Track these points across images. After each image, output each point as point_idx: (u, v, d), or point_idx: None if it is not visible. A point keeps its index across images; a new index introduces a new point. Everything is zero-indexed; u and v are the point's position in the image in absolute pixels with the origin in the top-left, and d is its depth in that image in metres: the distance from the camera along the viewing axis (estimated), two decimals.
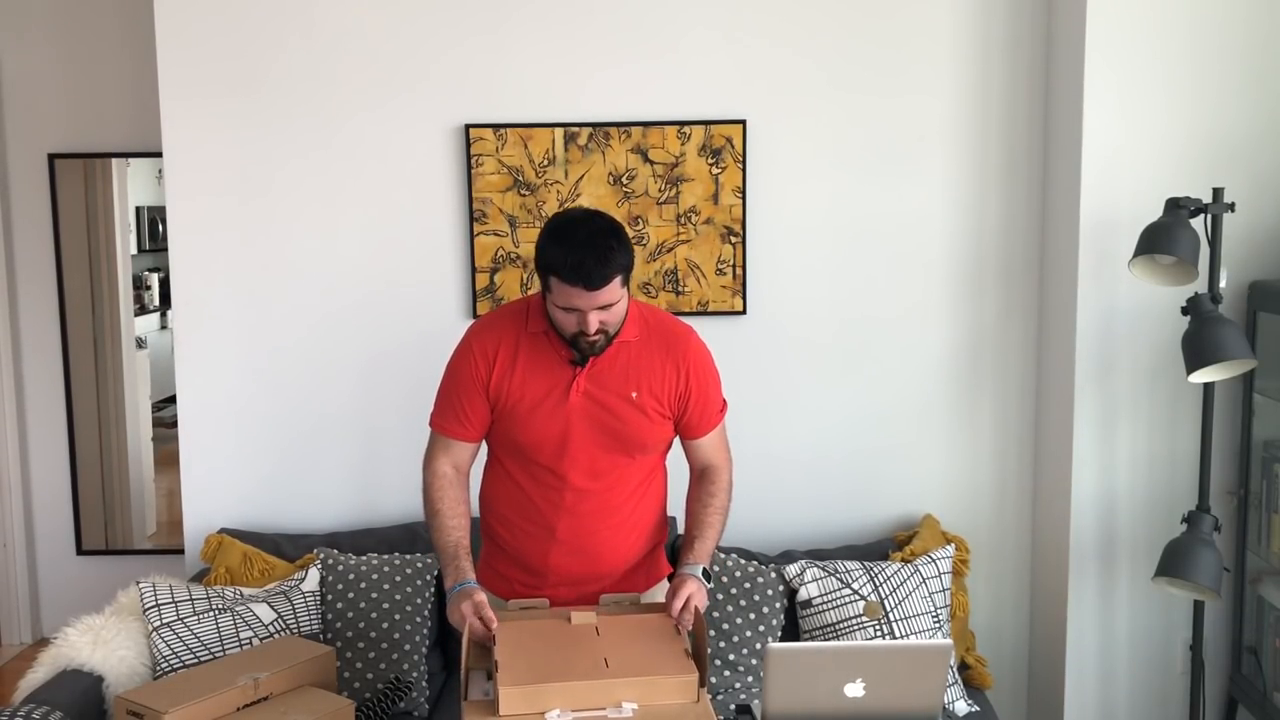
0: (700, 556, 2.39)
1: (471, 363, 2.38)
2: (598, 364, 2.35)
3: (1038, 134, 3.39)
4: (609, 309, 2.25)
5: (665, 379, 2.38)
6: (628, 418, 2.36)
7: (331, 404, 3.52)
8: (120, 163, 4.66)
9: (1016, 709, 3.56)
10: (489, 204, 3.42)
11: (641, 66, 3.39)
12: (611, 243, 2.22)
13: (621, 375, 2.35)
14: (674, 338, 2.42)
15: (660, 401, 2.38)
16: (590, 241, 2.20)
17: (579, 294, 2.20)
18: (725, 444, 2.55)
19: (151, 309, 5.38)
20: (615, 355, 2.35)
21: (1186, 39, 3.06)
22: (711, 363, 2.48)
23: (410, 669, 3.10)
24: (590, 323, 2.24)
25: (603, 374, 2.35)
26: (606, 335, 2.30)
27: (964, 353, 3.47)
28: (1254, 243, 3.09)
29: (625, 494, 2.43)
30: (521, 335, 2.37)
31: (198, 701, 2.48)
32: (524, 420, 2.36)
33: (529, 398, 2.35)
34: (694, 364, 2.42)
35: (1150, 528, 3.19)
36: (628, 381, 2.35)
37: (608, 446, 2.37)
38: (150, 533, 4.99)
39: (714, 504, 2.47)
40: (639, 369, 2.36)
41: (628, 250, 2.25)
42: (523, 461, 2.42)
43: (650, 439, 2.41)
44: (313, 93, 3.42)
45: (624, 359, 2.36)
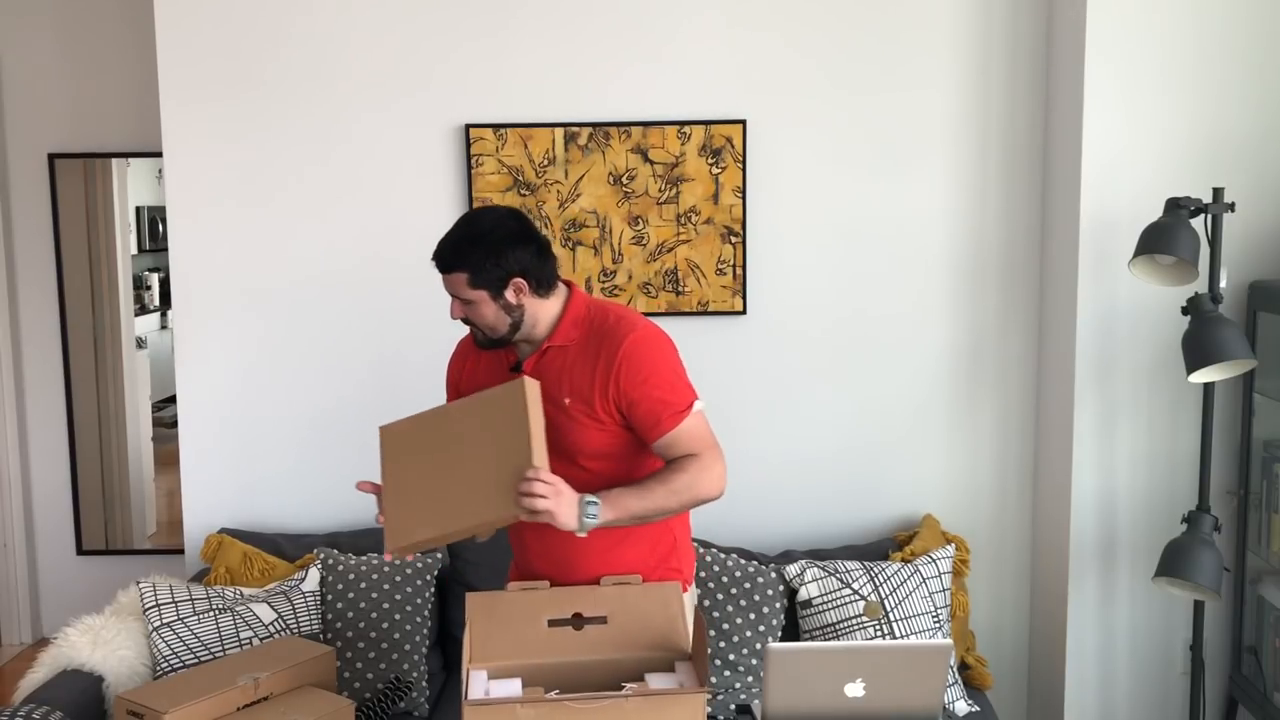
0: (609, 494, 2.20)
1: (449, 365, 2.53)
2: (538, 368, 2.33)
3: (1038, 134, 3.39)
4: (468, 305, 2.29)
5: (595, 382, 2.28)
6: (561, 424, 2.29)
7: (332, 404, 3.52)
8: (120, 163, 4.66)
9: (1016, 709, 3.56)
10: (489, 204, 3.42)
11: (641, 66, 3.39)
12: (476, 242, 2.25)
13: (556, 381, 2.31)
14: (609, 338, 2.29)
15: (592, 406, 2.28)
16: (464, 225, 2.30)
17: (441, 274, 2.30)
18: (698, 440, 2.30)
19: (151, 309, 5.38)
20: (552, 360, 2.33)
21: (1187, 39, 3.06)
22: (649, 362, 2.28)
23: (410, 669, 3.10)
24: (452, 307, 2.31)
25: (541, 379, 2.31)
26: (484, 332, 2.33)
27: (964, 352, 3.47)
28: (1254, 243, 3.09)
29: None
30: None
31: (198, 701, 2.48)
32: None
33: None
34: (624, 364, 2.26)
35: (1150, 528, 3.19)
36: (561, 387, 2.30)
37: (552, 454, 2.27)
38: (150, 533, 4.99)
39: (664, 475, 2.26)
40: (572, 375, 2.30)
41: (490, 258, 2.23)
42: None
43: (591, 445, 2.30)
44: (313, 93, 3.42)
45: (559, 364, 2.32)
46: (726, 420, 3.45)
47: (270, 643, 2.88)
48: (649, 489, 2.26)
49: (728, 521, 3.42)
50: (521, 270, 2.28)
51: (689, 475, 2.27)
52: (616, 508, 2.21)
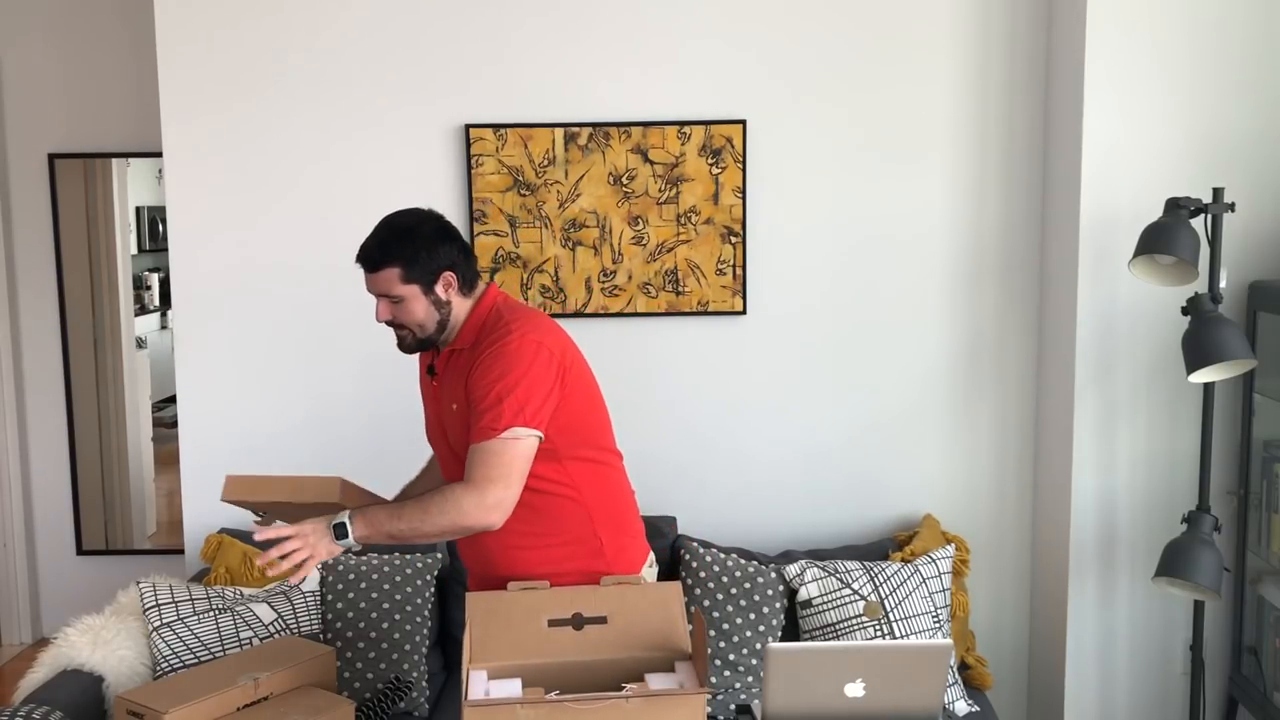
0: (363, 512, 2.21)
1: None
2: (443, 372, 2.38)
3: (1038, 134, 3.39)
4: (397, 304, 2.30)
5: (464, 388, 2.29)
6: (452, 428, 2.34)
7: (332, 404, 3.52)
8: (120, 163, 4.66)
9: (1016, 709, 3.56)
10: (489, 204, 3.42)
11: (641, 67, 3.39)
12: (401, 238, 2.29)
13: (450, 385, 2.35)
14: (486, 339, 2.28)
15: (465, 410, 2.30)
16: (385, 226, 2.34)
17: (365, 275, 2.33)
18: (483, 464, 2.19)
19: (151, 309, 5.38)
20: (452, 364, 2.36)
21: (1186, 38, 3.06)
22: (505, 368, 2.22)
23: (410, 669, 3.10)
24: (379, 309, 2.33)
25: (443, 384, 2.38)
26: (411, 333, 2.34)
27: (964, 352, 3.47)
28: (1254, 243, 3.09)
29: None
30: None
31: (198, 701, 2.48)
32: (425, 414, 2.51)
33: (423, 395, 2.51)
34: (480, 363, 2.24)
35: (1150, 528, 3.19)
36: (451, 393, 2.34)
37: (454, 456, 2.35)
38: (150, 533, 4.99)
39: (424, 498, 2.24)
40: (457, 378, 2.32)
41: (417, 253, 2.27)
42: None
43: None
44: (313, 93, 3.42)
45: (454, 368, 2.35)
46: (726, 420, 3.48)
47: (270, 642, 2.88)
48: (403, 508, 2.25)
49: (728, 521, 3.42)
50: (450, 265, 2.32)
51: (448, 501, 2.20)
52: (369, 526, 2.21)
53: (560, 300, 3.45)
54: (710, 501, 3.51)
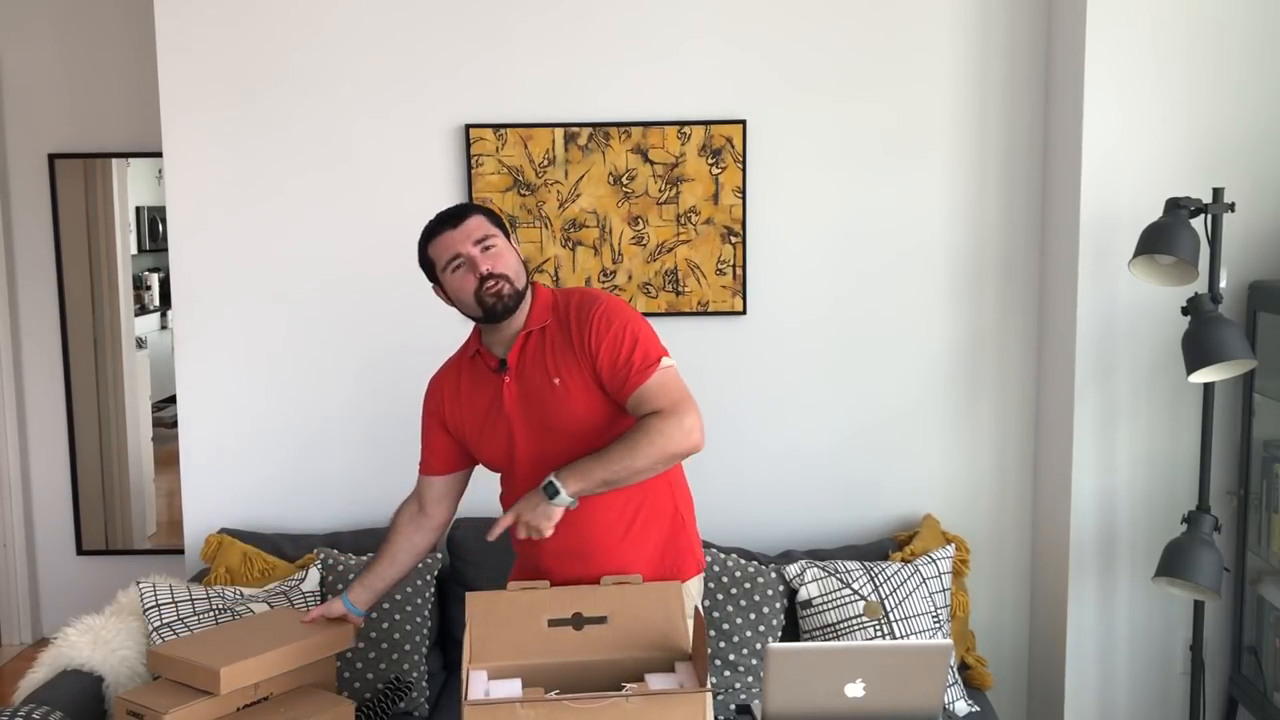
0: (566, 472, 2.24)
1: (426, 402, 2.54)
2: (521, 360, 2.36)
3: (1038, 134, 3.39)
4: (489, 249, 2.32)
5: (576, 356, 2.33)
6: (558, 405, 2.33)
7: (332, 404, 3.52)
8: (120, 163, 4.66)
9: (1016, 709, 3.56)
10: (489, 204, 3.42)
11: (641, 67, 3.39)
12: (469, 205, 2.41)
13: (541, 366, 2.35)
14: (577, 311, 2.36)
15: (582, 379, 2.32)
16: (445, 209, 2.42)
17: (449, 237, 2.33)
18: (664, 396, 2.28)
19: (151, 309, 5.38)
20: (534, 346, 2.37)
21: (1186, 39, 3.06)
22: (618, 320, 2.32)
23: (410, 669, 3.10)
24: (479, 261, 2.30)
25: (526, 370, 2.36)
26: (510, 283, 2.32)
27: (964, 352, 3.47)
28: (1254, 243, 3.09)
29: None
30: (462, 364, 2.48)
31: (198, 701, 2.47)
32: (476, 438, 2.44)
33: (474, 416, 2.43)
34: (591, 330, 2.31)
35: (1150, 528, 3.19)
36: (548, 370, 2.34)
37: (553, 438, 2.34)
38: (150, 533, 4.99)
39: (628, 437, 2.26)
40: (556, 354, 2.35)
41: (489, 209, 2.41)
42: (501, 479, 2.50)
43: (589, 417, 2.32)
44: (313, 93, 3.42)
45: (542, 348, 2.36)
46: (726, 420, 3.47)
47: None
48: (607, 452, 2.27)
49: (728, 521, 3.42)
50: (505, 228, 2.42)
51: (651, 431, 2.25)
52: (582, 478, 2.25)
53: None
54: (710, 501, 3.50)
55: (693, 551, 2.52)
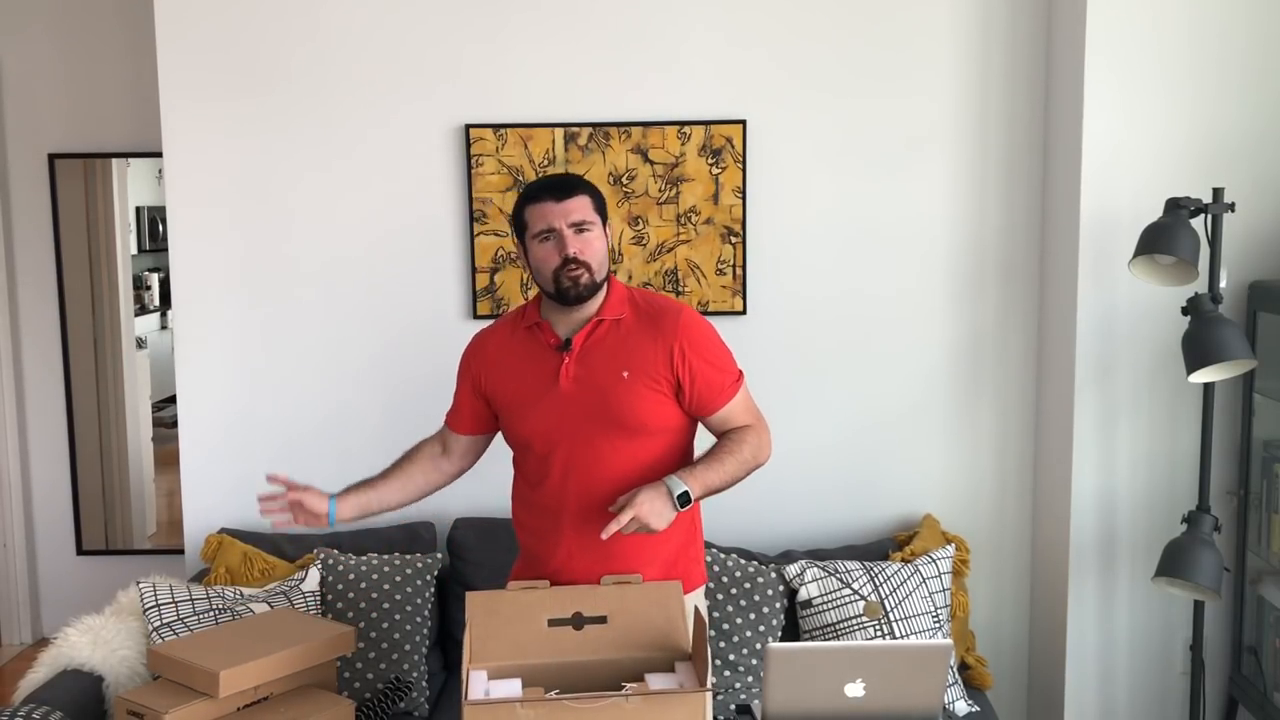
0: (687, 475, 2.29)
1: (464, 359, 2.52)
2: (587, 345, 2.34)
3: (1038, 134, 3.39)
4: (583, 233, 2.30)
5: (657, 358, 2.33)
6: (620, 397, 2.32)
7: (332, 403, 3.52)
8: (120, 163, 4.66)
9: (1016, 709, 3.56)
10: (489, 204, 3.42)
11: (641, 66, 3.39)
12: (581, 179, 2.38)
13: (610, 356, 2.33)
14: (662, 315, 2.37)
15: (654, 380, 2.32)
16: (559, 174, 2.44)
17: (548, 208, 2.30)
18: (750, 411, 2.45)
19: (151, 309, 5.38)
20: (605, 335, 2.35)
21: (1186, 39, 3.06)
22: (708, 336, 2.39)
23: (410, 669, 3.10)
24: (568, 242, 2.28)
25: (591, 355, 2.34)
26: (590, 273, 2.30)
27: (964, 352, 3.47)
28: (1254, 243, 3.09)
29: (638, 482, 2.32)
30: (516, 330, 2.43)
31: (198, 702, 2.48)
32: (519, 412, 2.40)
33: (521, 389, 2.39)
34: (685, 340, 2.34)
35: (1150, 528, 3.19)
36: (617, 361, 2.33)
37: (605, 428, 2.32)
38: (150, 533, 4.99)
39: (733, 447, 2.37)
40: (629, 348, 2.33)
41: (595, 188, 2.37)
42: (531, 456, 2.42)
43: (649, 417, 2.33)
44: (313, 93, 3.42)
45: (613, 339, 2.35)
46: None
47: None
48: (722, 461, 2.35)
49: (728, 521, 3.41)
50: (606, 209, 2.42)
51: (751, 446, 2.40)
52: (701, 484, 2.32)
53: None
54: (711, 501, 3.50)
55: (700, 563, 2.52)
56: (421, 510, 3.45)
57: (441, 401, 3.55)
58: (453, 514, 3.43)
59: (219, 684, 2.45)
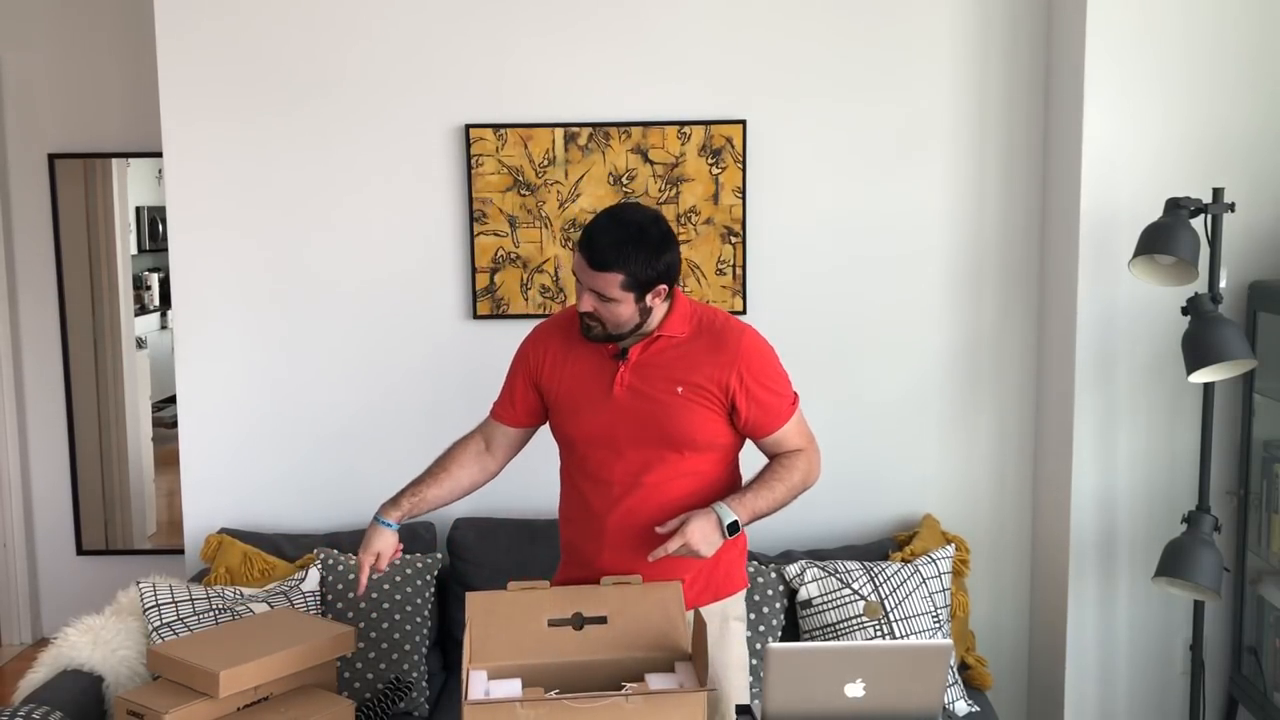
0: (735, 502, 2.32)
1: (523, 351, 2.51)
2: (643, 357, 2.36)
3: (1038, 134, 3.39)
4: (606, 302, 2.28)
5: (713, 377, 2.34)
6: (672, 411, 2.34)
7: (332, 403, 3.52)
8: (120, 163, 4.66)
9: (1016, 709, 3.56)
10: (489, 204, 3.42)
11: (641, 66, 3.39)
12: (635, 233, 2.25)
13: (666, 370, 2.35)
14: (723, 337, 2.38)
15: (709, 398, 2.35)
16: (621, 224, 2.27)
17: (580, 262, 2.28)
18: (805, 434, 2.48)
19: (151, 309, 5.38)
20: (662, 350, 2.36)
21: (1186, 39, 3.06)
22: (768, 360, 2.41)
23: (410, 669, 3.10)
24: (582, 300, 2.30)
25: (648, 367, 2.36)
26: (602, 326, 2.32)
27: (964, 353, 3.47)
28: (1254, 243, 3.09)
29: (681, 492, 2.37)
30: (574, 330, 2.42)
31: (198, 702, 2.48)
32: (570, 413, 2.42)
33: (576, 390, 2.41)
34: (744, 363, 2.36)
35: (1150, 528, 3.19)
36: (673, 376, 2.34)
37: (653, 440, 2.35)
38: (150, 533, 4.99)
39: (783, 472, 2.39)
40: (685, 365, 2.35)
41: (647, 261, 2.25)
42: (576, 457, 2.45)
43: (698, 434, 2.36)
44: (313, 93, 3.42)
45: (671, 355, 2.36)
46: None
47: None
48: (772, 488, 2.38)
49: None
50: (667, 275, 2.31)
51: (802, 471, 2.43)
52: (750, 511, 2.34)
53: (560, 300, 3.45)
54: None
55: (740, 566, 2.54)
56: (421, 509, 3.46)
57: (441, 400, 3.55)
58: (453, 514, 3.43)
59: (219, 684, 2.45)
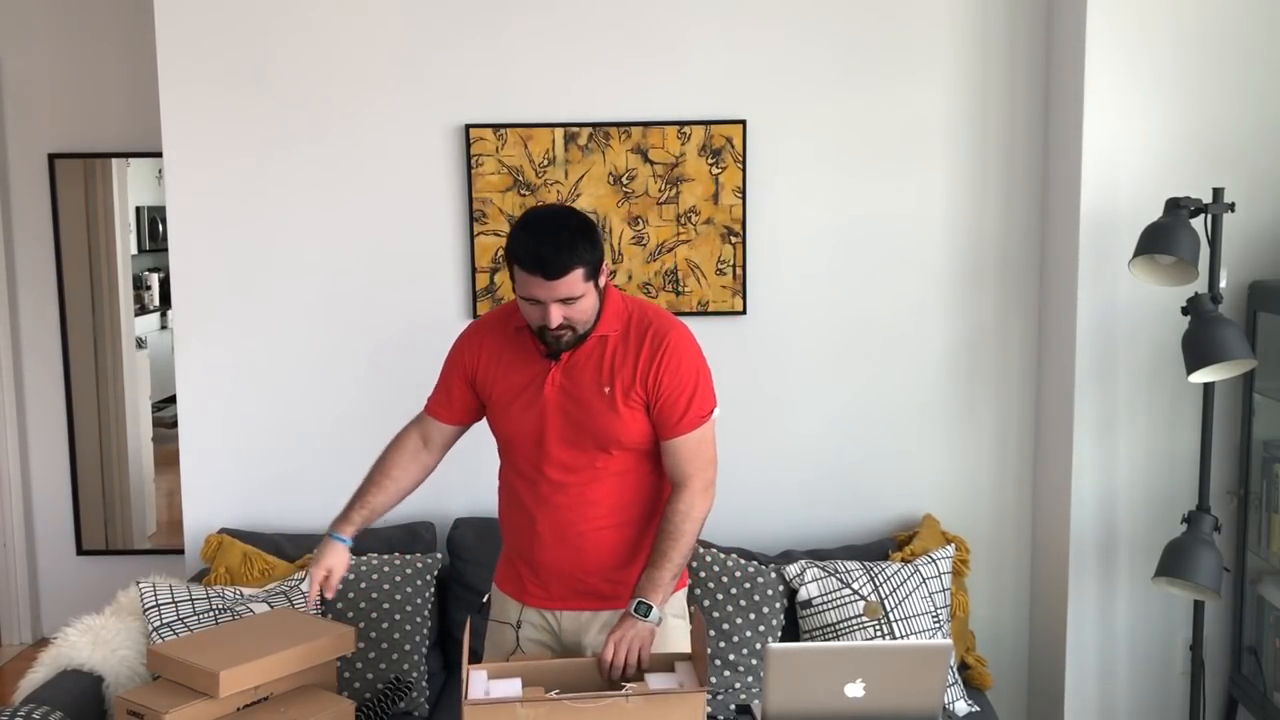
0: (647, 590, 2.26)
1: (458, 349, 2.50)
2: (574, 358, 2.34)
3: (1038, 134, 3.39)
4: (572, 304, 2.25)
5: (638, 372, 2.33)
6: (598, 411, 2.33)
7: (331, 403, 3.52)
8: (120, 163, 4.66)
9: (1016, 709, 3.56)
10: (489, 204, 3.42)
11: (641, 66, 3.39)
12: (576, 237, 2.22)
13: (595, 369, 2.34)
14: (654, 331, 2.35)
15: (633, 396, 2.33)
16: (554, 230, 2.22)
17: (538, 283, 2.21)
18: (699, 457, 2.37)
19: (151, 309, 5.39)
20: (592, 350, 2.35)
21: (1186, 39, 3.06)
22: (691, 363, 2.36)
23: (410, 669, 3.10)
24: (551, 316, 2.24)
25: (578, 368, 2.34)
26: (574, 331, 2.29)
27: (964, 353, 3.47)
28: (1254, 243, 3.09)
29: (605, 489, 2.37)
30: (508, 330, 2.42)
31: (198, 702, 2.48)
32: (503, 411, 2.41)
33: (508, 390, 2.40)
34: (667, 358, 2.33)
35: (1150, 528, 3.19)
36: (602, 375, 2.33)
37: (580, 440, 2.34)
38: (150, 533, 4.99)
39: (673, 531, 2.32)
40: (615, 363, 2.34)
41: (593, 246, 2.24)
42: (510, 455, 2.46)
43: (624, 434, 2.34)
44: (313, 93, 3.42)
45: (600, 353, 2.35)
46: (727, 420, 3.46)
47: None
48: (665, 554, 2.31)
49: (728, 521, 3.41)
50: (603, 253, 2.32)
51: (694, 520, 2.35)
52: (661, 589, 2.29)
53: None
54: None
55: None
56: (421, 510, 3.46)
57: None
58: (453, 514, 3.44)
59: (219, 684, 2.45)
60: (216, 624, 2.97)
